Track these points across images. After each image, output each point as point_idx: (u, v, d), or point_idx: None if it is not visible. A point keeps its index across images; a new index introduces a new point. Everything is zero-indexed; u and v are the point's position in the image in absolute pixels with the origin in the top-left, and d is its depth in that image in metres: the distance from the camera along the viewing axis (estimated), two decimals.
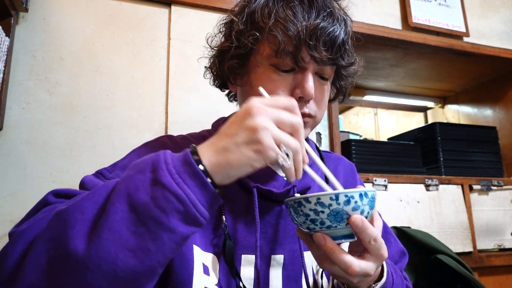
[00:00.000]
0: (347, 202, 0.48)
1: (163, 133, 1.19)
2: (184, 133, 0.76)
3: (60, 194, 0.55)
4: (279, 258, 0.64)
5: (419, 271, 1.18)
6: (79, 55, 1.16)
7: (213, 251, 0.62)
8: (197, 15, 1.31)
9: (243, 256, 0.63)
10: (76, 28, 1.17)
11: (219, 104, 1.25)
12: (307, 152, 0.54)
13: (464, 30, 1.75)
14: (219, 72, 0.72)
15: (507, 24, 1.91)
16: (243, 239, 0.63)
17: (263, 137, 0.44)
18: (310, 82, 0.61)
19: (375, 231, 0.50)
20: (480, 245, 1.58)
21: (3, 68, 1.01)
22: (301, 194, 0.67)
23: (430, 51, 1.73)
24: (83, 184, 0.60)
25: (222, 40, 0.71)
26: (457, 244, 1.52)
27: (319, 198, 0.48)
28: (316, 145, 0.82)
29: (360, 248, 0.52)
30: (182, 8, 1.29)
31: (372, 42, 1.63)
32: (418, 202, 1.52)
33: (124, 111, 1.17)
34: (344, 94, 0.78)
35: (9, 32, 1.05)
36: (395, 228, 1.27)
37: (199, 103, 1.24)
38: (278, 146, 0.45)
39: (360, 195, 0.49)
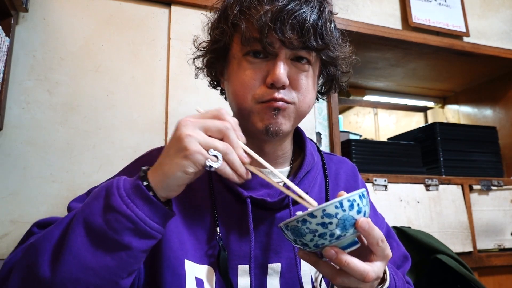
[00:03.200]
0: (351, 206, 0.48)
1: (163, 133, 1.19)
2: None
3: (42, 225, 0.61)
4: (276, 266, 0.64)
5: (419, 271, 1.18)
6: (79, 55, 1.16)
7: (208, 263, 0.62)
8: (197, 15, 1.31)
9: (239, 266, 0.63)
10: (76, 28, 1.17)
11: (219, 104, 1.25)
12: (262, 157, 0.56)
13: (464, 30, 1.75)
14: (207, 70, 0.74)
15: (507, 24, 1.91)
16: (238, 249, 0.63)
17: (188, 143, 0.48)
18: (279, 68, 0.60)
19: (380, 231, 0.49)
20: (480, 245, 1.58)
21: (3, 68, 1.01)
22: (293, 204, 0.67)
23: (430, 51, 1.73)
24: (68, 210, 0.65)
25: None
26: (457, 244, 1.52)
27: (324, 210, 0.47)
28: (317, 146, 0.81)
29: (365, 252, 0.51)
30: (182, 8, 1.29)
31: (372, 42, 1.63)
32: (418, 202, 1.52)
33: (124, 111, 1.17)
34: (337, 82, 0.75)
35: (9, 32, 1.04)
36: (395, 228, 1.27)
37: (199, 103, 1.24)
38: (207, 150, 0.49)
39: (360, 197, 0.49)
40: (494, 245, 1.61)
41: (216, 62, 0.69)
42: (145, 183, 0.50)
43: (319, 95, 0.77)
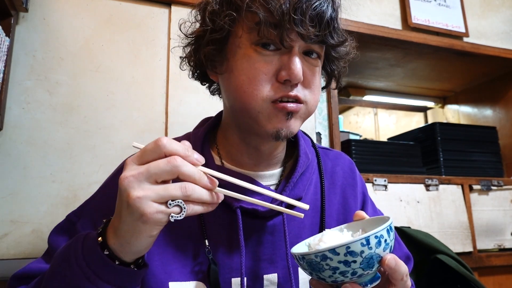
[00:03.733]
0: (378, 243, 0.43)
1: (163, 133, 1.19)
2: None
3: (20, 278, 0.59)
4: (272, 277, 0.61)
5: (419, 271, 1.18)
6: (79, 55, 1.16)
7: (197, 278, 0.59)
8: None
9: (233, 280, 0.59)
10: (76, 28, 1.17)
11: (219, 104, 1.25)
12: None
13: (464, 30, 1.75)
14: (197, 62, 0.65)
15: (507, 24, 1.91)
16: (230, 262, 0.59)
17: (142, 208, 0.42)
18: (297, 63, 0.55)
19: (405, 266, 0.46)
20: (480, 245, 1.58)
21: (3, 68, 1.01)
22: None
23: (430, 51, 1.73)
24: (49, 244, 0.63)
25: (197, 26, 0.65)
26: (457, 244, 1.52)
27: (348, 247, 0.42)
28: (311, 141, 0.77)
29: (383, 284, 0.48)
30: (182, 8, 1.29)
31: (372, 42, 1.63)
32: (418, 202, 1.52)
33: (124, 111, 1.17)
34: (338, 80, 0.70)
35: (9, 32, 1.04)
36: (395, 228, 1.27)
37: (199, 103, 1.24)
38: (166, 202, 0.43)
39: (387, 231, 0.44)
40: (494, 245, 1.61)
41: (216, 54, 0.61)
42: (106, 252, 0.45)
43: None
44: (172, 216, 0.43)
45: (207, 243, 0.59)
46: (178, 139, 0.67)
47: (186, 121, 1.21)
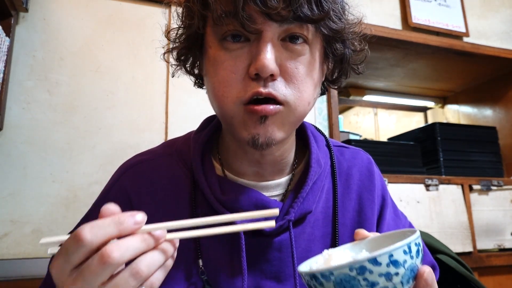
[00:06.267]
0: (418, 252, 0.36)
1: (163, 133, 1.19)
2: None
3: None
4: None
5: None
6: (79, 55, 1.16)
7: None
8: None
9: None
10: (76, 28, 1.17)
11: None
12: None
13: (464, 30, 1.75)
14: (183, 65, 0.59)
15: (507, 24, 1.91)
16: (230, 284, 0.52)
17: None
18: (265, 52, 0.45)
19: (435, 283, 0.39)
20: (480, 245, 1.58)
21: (3, 68, 1.01)
22: (295, 225, 0.55)
23: (430, 51, 1.73)
24: (48, 271, 0.54)
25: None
26: (457, 244, 1.52)
27: (391, 255, 0.34)
28: (326, 140, 0.66)
29: None
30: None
31: (372, 42, 1.63)
32: (418, 202, 1.52)
33: (124, 111, 1.17)
34: (349, 64, 0.57)
35: (9, 32, 1.05)
36: None
37: (199, 103, 1.24)
38: None
39: (419, 237, 0.37)
40: (494, 245, 1.61)
41: (189, 53, 0.55)
42: None
43: (329, 84, 0.59)
44: None
45: (200, 263, 0.52)
46: (177, 142, 0.63)
47: (186, 121, 1.21)
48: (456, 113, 2.30)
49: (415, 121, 2.60)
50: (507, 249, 1.63)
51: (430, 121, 2.45)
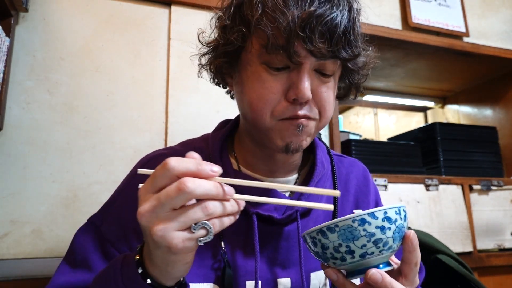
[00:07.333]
0: (405, 217, 0.45)
1: (163, 133, 1.19)
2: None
3: None
4: (285, 282, 0.62)
5: None
6: (79, 55, 1.16)
7: (213, 280, 0.59)
8: (197, 15, 1.31)
9: (247, 282, 0.60)
10: (76, 28, 1.17)
11: (219, 104, 1.25)
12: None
13: (464, 30, 1.75)
14: (213, 70, 0.67)
15: (507, 24, 1.91)
16: (245, 265, 0.60)
17: (167, 241, 0.40)
18: (304, 82, 0.54)
19: (419, 252, 0.48)
20: (480, 245, 1.58)
21: (3, 68, 1.01)
22: (301, 217, 0.64)
23: (430, 51, 1.73)
24: (73, 244, 0.63)
25: (214, 36, 0.66)
26: (457, 244, 1.52)
27: (386, 212, 0.43)
28: (327, 148, 0.77)
29: (396, 278, 0.48)
30: (182, 8, 1.29)
31: (372, 42, 1.62)
32: (418, 202, 1.52)
33: (124, 111, 1.17)
34: (357, 90, 0.69)
35: (9, 32, 1.04)
36: None
37: (199, 103, 1.24)
38: (190, 228, 0.41)
39: (405, 207, 0.47)
40: (494, 245, 1.61)
41: (228, 66, 0.62)
42: (148, 281, 0.46)
43: (336, 98, 0.70)
44: (200, 241, 0.41)
45: (223, 245, 0.60)
46: (195, 141, 0.71)
47: (186, 121, 1.21)
48: (456, 113, 2.30)
49: (415, 121, 2.60)
50: (507, 249, 1.63)
51: (430, 121, 2.45)
